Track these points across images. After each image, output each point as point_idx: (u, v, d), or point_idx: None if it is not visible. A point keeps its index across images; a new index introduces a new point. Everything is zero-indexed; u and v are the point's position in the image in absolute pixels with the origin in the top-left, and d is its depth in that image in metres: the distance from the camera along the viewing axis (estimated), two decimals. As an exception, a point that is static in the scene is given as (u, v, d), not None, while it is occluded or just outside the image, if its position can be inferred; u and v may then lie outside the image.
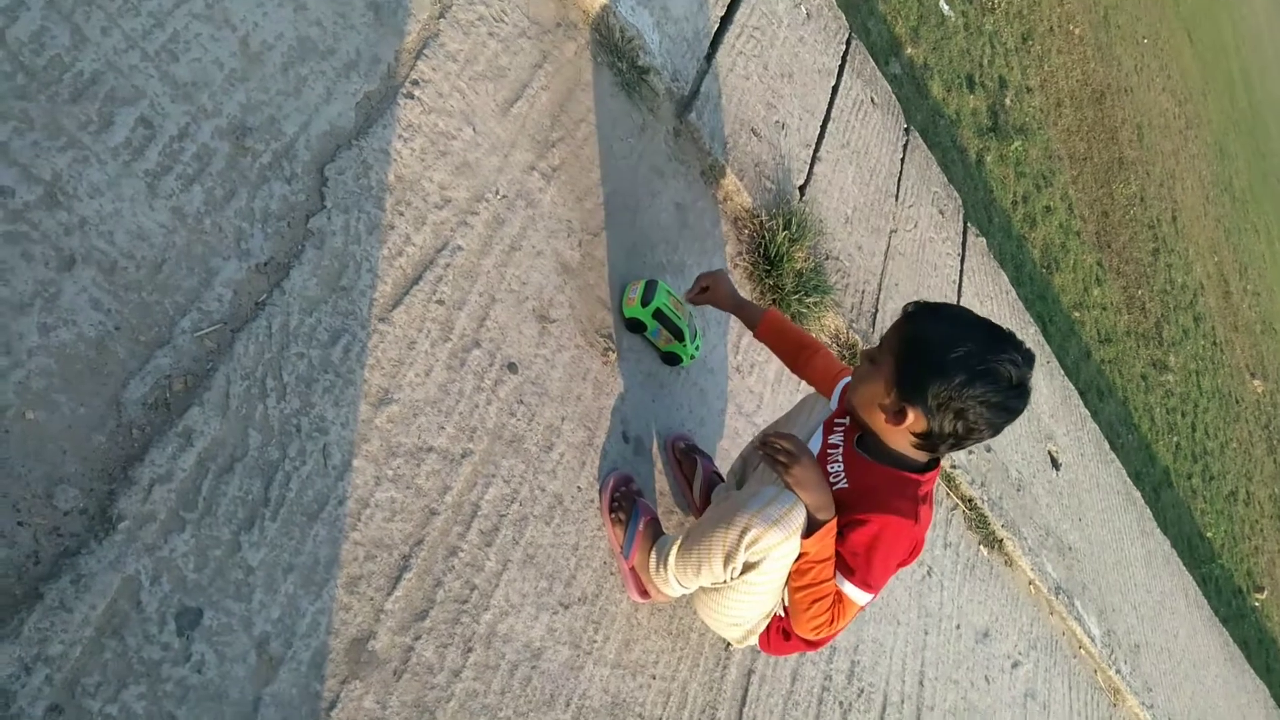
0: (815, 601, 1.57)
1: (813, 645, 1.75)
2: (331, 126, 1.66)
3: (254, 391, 1.41)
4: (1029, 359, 1.43)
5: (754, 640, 1.80)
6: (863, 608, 1.61)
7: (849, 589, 1.56)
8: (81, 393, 1.25)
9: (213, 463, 1.34)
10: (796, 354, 1.94)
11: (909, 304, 1.56)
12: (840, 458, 1.63)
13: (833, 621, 1.58)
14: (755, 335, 2.02)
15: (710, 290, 2.05)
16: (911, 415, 1.47)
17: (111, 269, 1.32)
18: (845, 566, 1.56)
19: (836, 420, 1.71)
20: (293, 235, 1.55)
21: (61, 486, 1.20)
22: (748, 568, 1.56)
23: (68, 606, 1.17)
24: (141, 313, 1.33)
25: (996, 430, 1.46)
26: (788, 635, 1.75)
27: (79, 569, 1.19)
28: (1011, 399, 1.42)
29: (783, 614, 1.74)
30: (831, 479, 1.59)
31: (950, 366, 1.40)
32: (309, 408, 1.48)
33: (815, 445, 1.69)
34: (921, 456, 1.55)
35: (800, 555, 1.54)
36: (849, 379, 1.76)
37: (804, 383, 2.01)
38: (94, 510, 1.22)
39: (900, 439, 1.53)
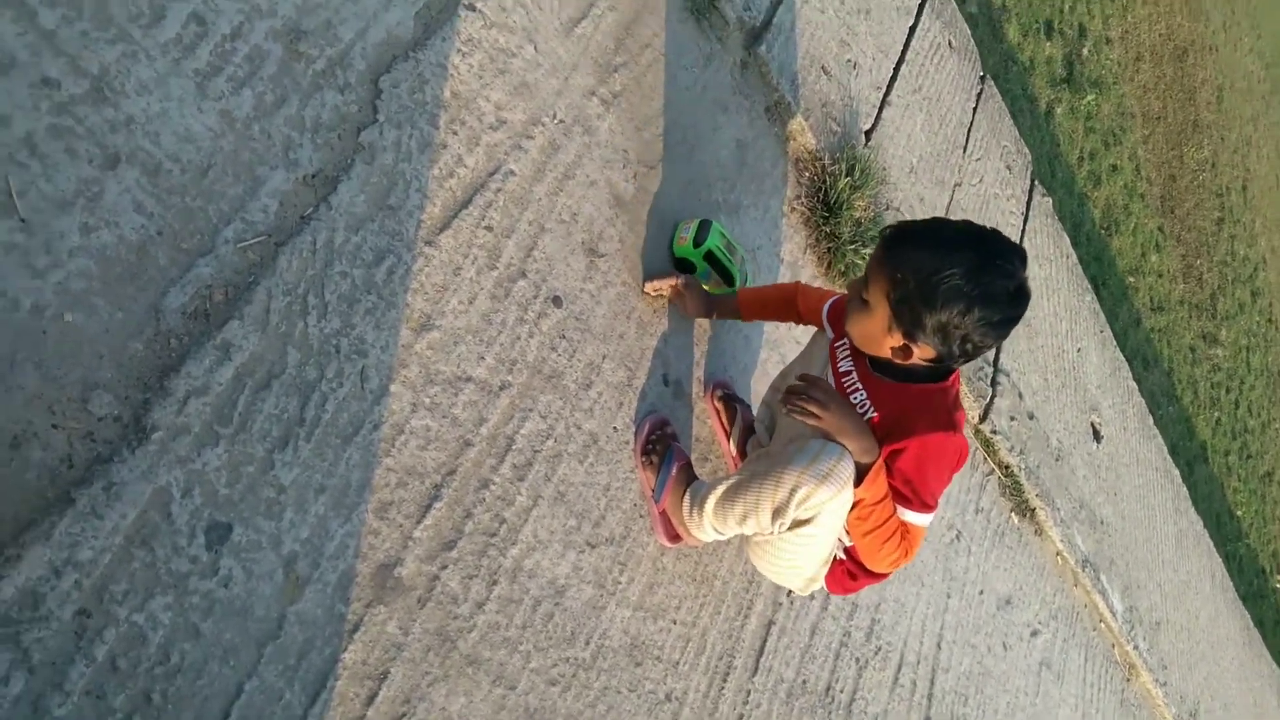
0: (885, 541, 1.53)
1: (883, 575, 1.73)
2: (389, 35, 1.59)
3: (295, 308, 1.38)
4: (1021, 258, 1.38)
5: (818, 585, 1.75)
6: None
7: (910, 516, 1.52)
8: (121, 297, 1.22)
9: (250, 378, 1.31)
10: (788, 311, 1.90)
11: (884, 229, 1.49)
12: (859, 384, 1.58)
13: (907, 552, 1.55)
14: (744, 319, 2.01)
15: (682, 297, 1.98)
16: (918, 349, 1.43)
17: (156, 171, 1.27)
18: (901, 496, 1.51)
19: (837, 344, 1.66)
20: (343, 148, 1.49)
21: (97, 392, 1.18)
22: (799, 523, 1.53)
23: (99, 513, 1.16)
24: (184, 218, 1.29)
25: (1004, 338, 1.43)
26: (854, 575, 1.72)
27: (111, 476, 1.17)
28: (1012, 311, 1.38)
29: (842, 556, 1.71)
30: (860, 410, 1.54)
31: (945, 298, 1.35)
32: (349, 328, 1.44)
33: (829, 377, 1.64)
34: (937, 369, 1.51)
35: (856, 503, 1.51)
36: (833, 300, 1.75)
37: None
38: (128, 418, 1.20)
39: (915, 363, 1.48)
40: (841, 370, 1.62)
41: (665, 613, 1.89)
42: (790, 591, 2.03)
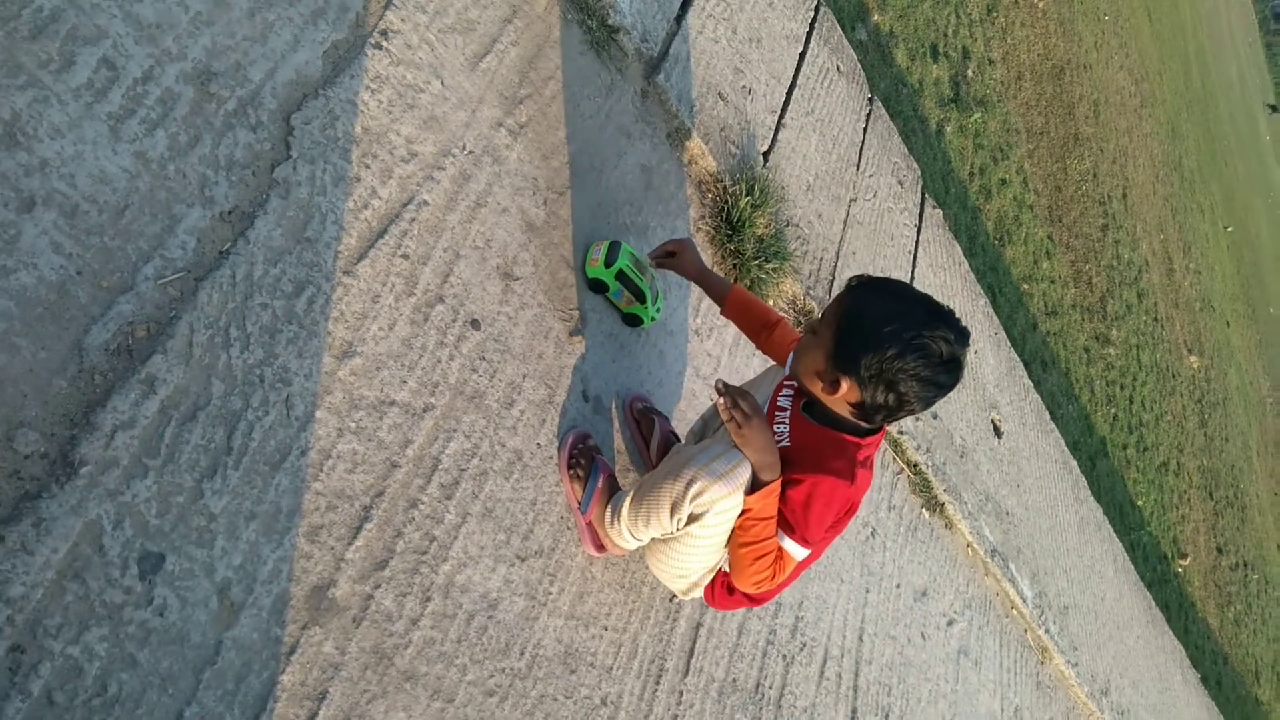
0: (758, 558, 1.63)
1: (755, 601, 1.82)
2: (298, 75, 1.64)
3: (217, 341, 1.41)
4: (963, 337, 1.48)
5: (698, 593, 1.86)
6: (802, 565, 1.68)
7: (788, 544, 1.62)
8: (42, 337, 1.24)
9: (175, 410, 1.34)
10: (760, 331, 1.99)
11: (852, 278, 1.61)
12: (787, 419, 1.68)
13: (774, 576, 1.65)
14: (722, 312, 2.06)
15: (676, 256, 2.08)
16: (845, 385, 1.52)
17: (73, 212, 1.30)
18: (785, 523, 1.62)
19: (786, 382, 1.76)
20: (257, 184, 1.54)
21: (22, 430, 1.20)
22: (692, 519, 1.62)
23: (29, 549, 1.17)
24: (104, 258, 1.32)
25: (927, 404, 1.52)
26: (731, 590, 1.81)
27: (40, 512, 1.19)
28: (941, 374, 1.47)
29: (727, 569, 1.80)
30: (776, 437, 1.64)
31: (883, 339, 1.45)
32: (272, 358, 1.48)
33: (765, 405, 1.74)
34: (860, 424, 1.60)
35: (744, 512, 1.60)
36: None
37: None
38: (55, 455, 1.22)
39: (840, 406, 1.58)
40: (779, 404, 1.72)
41: (596, 620, 1.95)
42: (674, 596, 2.12)
